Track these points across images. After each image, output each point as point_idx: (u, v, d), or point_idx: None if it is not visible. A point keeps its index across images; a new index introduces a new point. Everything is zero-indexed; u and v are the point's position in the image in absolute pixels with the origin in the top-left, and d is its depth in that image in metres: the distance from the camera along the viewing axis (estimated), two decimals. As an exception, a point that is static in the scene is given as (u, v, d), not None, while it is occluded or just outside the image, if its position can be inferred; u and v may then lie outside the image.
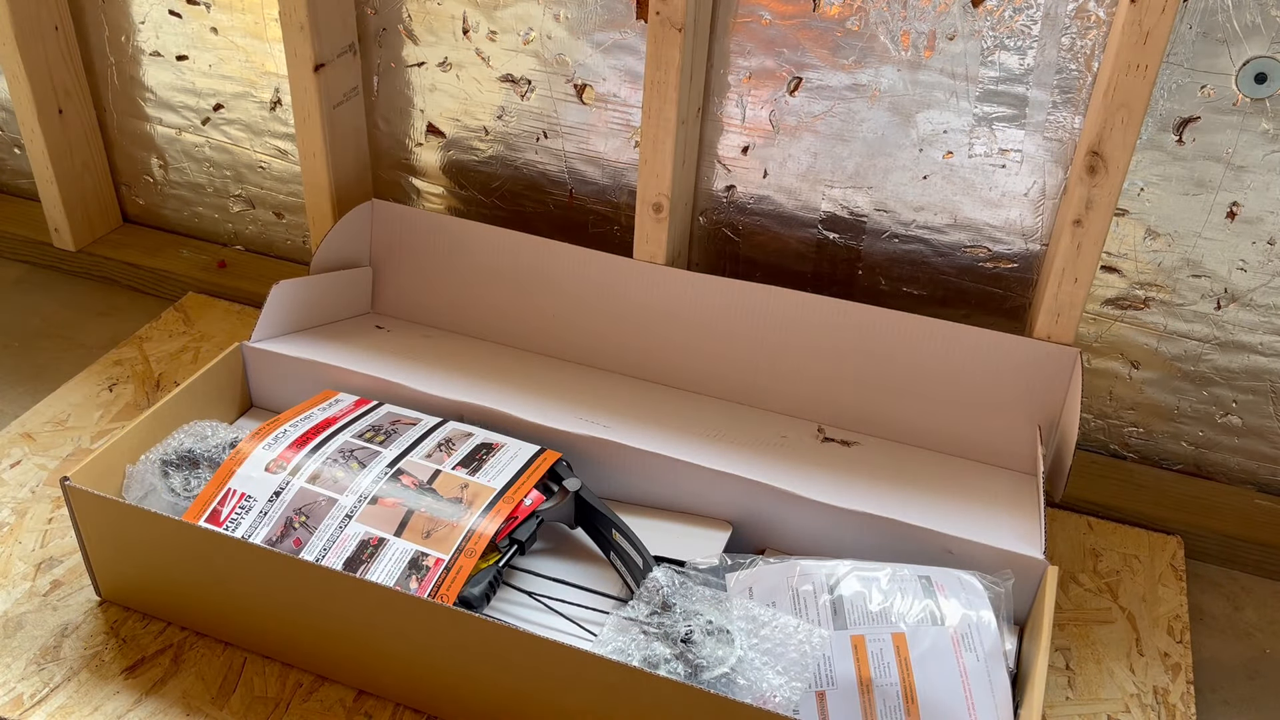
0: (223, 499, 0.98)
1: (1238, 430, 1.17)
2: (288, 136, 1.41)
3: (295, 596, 0.93)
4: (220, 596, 0.96)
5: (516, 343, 1.28)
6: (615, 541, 1.02)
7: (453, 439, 1.07)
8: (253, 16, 1.33)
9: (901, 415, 1.16)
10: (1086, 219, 1.03)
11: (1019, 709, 0.89)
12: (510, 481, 1.01)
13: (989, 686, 0.88)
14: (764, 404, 1.20)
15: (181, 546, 0.95)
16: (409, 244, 1.30)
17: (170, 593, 0.99)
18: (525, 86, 1.26)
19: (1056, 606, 0.94)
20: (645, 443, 1.09)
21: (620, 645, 0.87)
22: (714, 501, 1.08)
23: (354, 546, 0.95)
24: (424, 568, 0.93)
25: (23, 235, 1.53)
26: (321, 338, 1.25)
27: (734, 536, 1.07)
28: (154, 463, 1.03)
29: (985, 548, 0.99)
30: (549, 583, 1.02)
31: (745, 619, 0.88)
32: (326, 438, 1.05)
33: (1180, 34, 1.00)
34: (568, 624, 0.97)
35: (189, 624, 1.00)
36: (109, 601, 1.02)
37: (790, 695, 0.83)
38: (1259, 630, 1.08)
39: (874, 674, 0.88)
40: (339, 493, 0.98)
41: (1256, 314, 1.11)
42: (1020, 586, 0.98)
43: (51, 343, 1.38)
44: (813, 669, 0.86)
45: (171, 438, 1.06)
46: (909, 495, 1.08)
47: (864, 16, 1.09)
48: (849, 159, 1.17)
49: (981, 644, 0.89)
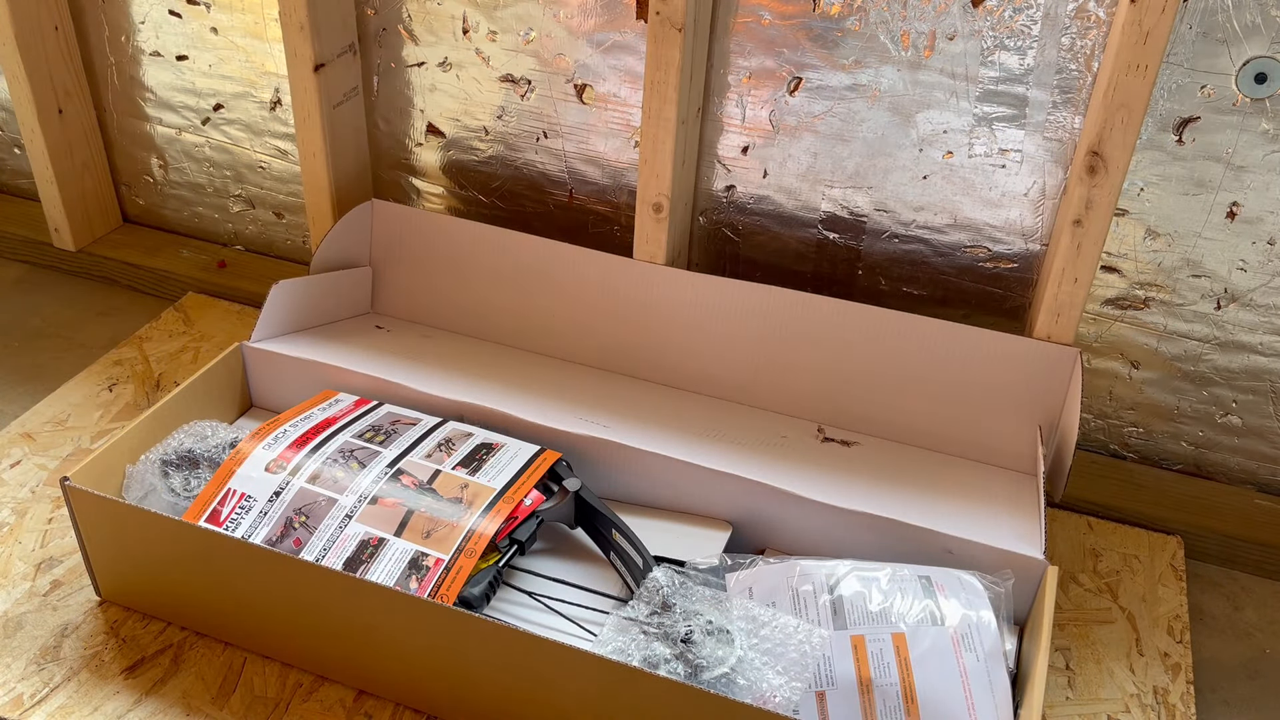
0: (223, 499, 0.98)
1: (1238, 430, 1.17)
2: (288, 136, 1.41)
3: (295, 596, 0.93)
4: (220, 596, 0.96)
5: (516, 343, 1.28)
6: (615, 541, 1.01)
7: (453, 439, 1.07)
8: (253, 16, 1.33)
9: (901, 415, 1.16)
10: (1086, 219, 1.03)
11: (1019, 709, 0.89)
12: (510, 481, 1.01)
13: (989, 686, 0.88)
14: (763, 404, 1.20)
15: (181, 546, 0.95)
16: (409, 244, 1.30)
17: (170, 593, 0.99)
18: (525, 86, 1.26)
19: (1056, 606, 0.94)
20: (645, 443, 1.09)
21: (620, 645, 0.86)
22: (714, 502, 1.08)
23: (354, 546, 0.95)
24: (424, 568, 0.93)
25: (23, 235, 1.53)
26: (321, 338, 1.25)
27: (734, 537, 1.07)
28: (154, 463, 1.03)
29: (985, 548, 0.99)
30: (549, 583, 1.02)
31: (745, 619, 0.88)
32: (326, 438, 1.05)
33: (1180, 34, 1.00)
34: (568, 624, 0.97)
35: (189, 624, 1.00)
36: (109, 601, 1.02)
37: (790, 695, 0.83)
38: (1259, 630, 1.08)
39: (874, 674, 0.88)
40: (339, 493, 0.98)
41: (1256, 314, 1.11)
42: (1020, 586, 0.98)
43: (51, 343, 1.38)
44: (813, 669, 0.86)
45: (171, 438, 1.06)
46: (909, 495, 1.08)
47: (864, 16, 1.09)
48: (849, 159, 1.17)
49: (981, 644, 0.89)
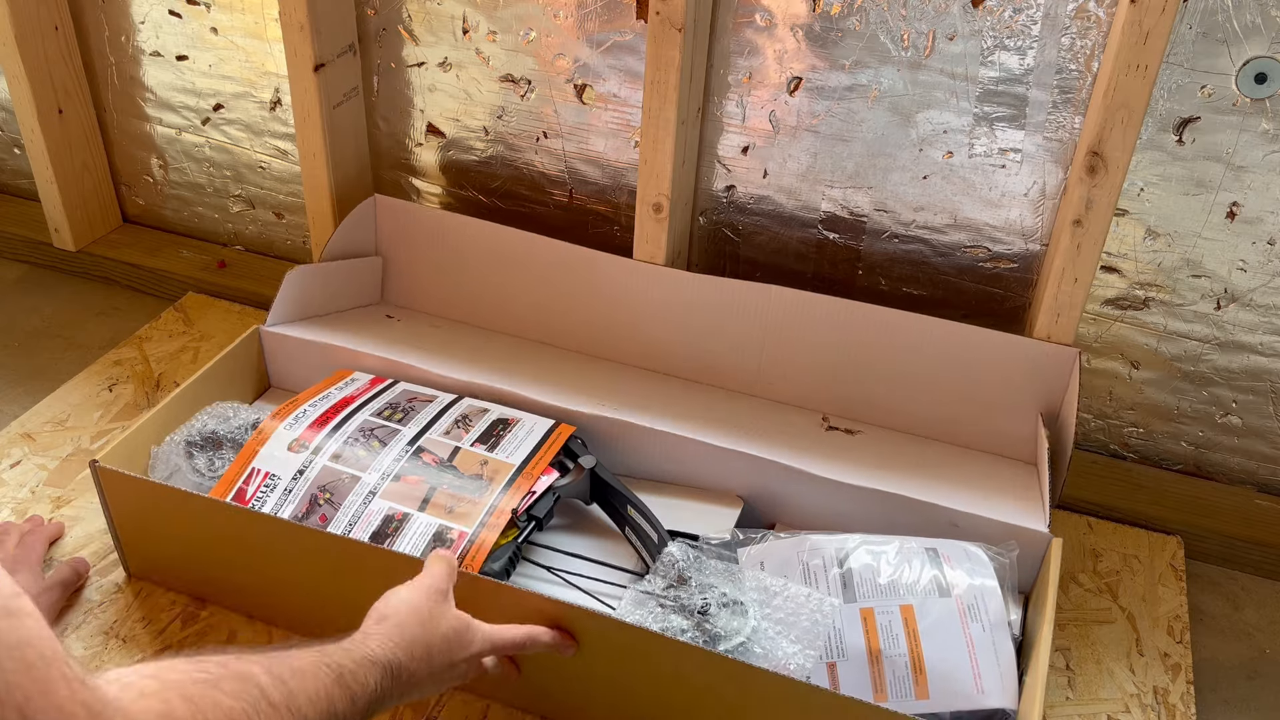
0: (247, 478, 1.00)
1: (1237, 430, 1.17)
2: (288, 136, 1.41)
3: (323, 570, 0.94)
4: (250, 572, 0.99)
5: (522, 335, 1.29)
6: (630, 517, 1.03)
7: (469, 415, 1.09)
8: (253, 16, 1.33)
9: (903, 415, 1.16)
10: (1086, 219, 1.03)
11: (1023, 677, 0.90)
12: (528, 458, 1.03)
13: (994, 655, 0.90)
14: (768, 397, 1.20)
15: (212, 523, 0.97)
16: (413, 240, 1.30)
17: (200, 569, 1.01)
18: (525, 86, 1.26)
19: (1056, 607, 0.94)
20: (655, 423, 1.11)
21: (639, 618, 0.88)
22: (724, 478, 1.10)
23: (379, 521, 0.97)
24: (448, 541, 0.95)
25: (23, 235, 1.53)
26: (334, 325, 1.26)
27: (745, 512, 1.08)
28: (179, 444, 1.06)
29: (990, 521, 1.01)
30: (566, 558, 1.03)
31: (758, 590, 0.91)
32: (346, 417, 1.07)
33: (1180, 34, 1.00)
34: (586, 598, 0.98)
35: (219, 600, 1.02)
36: (136, 577, 1.05)
37: (804, 663, 0.85)
38: (1259, 630, 1.08)
39: (883, 645, 0.89)
40: (361, 471, 1.00)
41: (1256, 314, 1.11)
42: (1024, 560, 0.99)
43: (51, 343, 1.38)
44: (824, 637, 0.88)
45: (195, 419, 1.09)
46: (914, 474, 1.09)
47: (864, 16, 1.09)
48: (849, 159, 1.17)
49: (987, 614, 0.91)
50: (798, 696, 0.82)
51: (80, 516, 1.11)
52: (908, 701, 0.87)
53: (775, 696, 0.82)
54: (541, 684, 0.91)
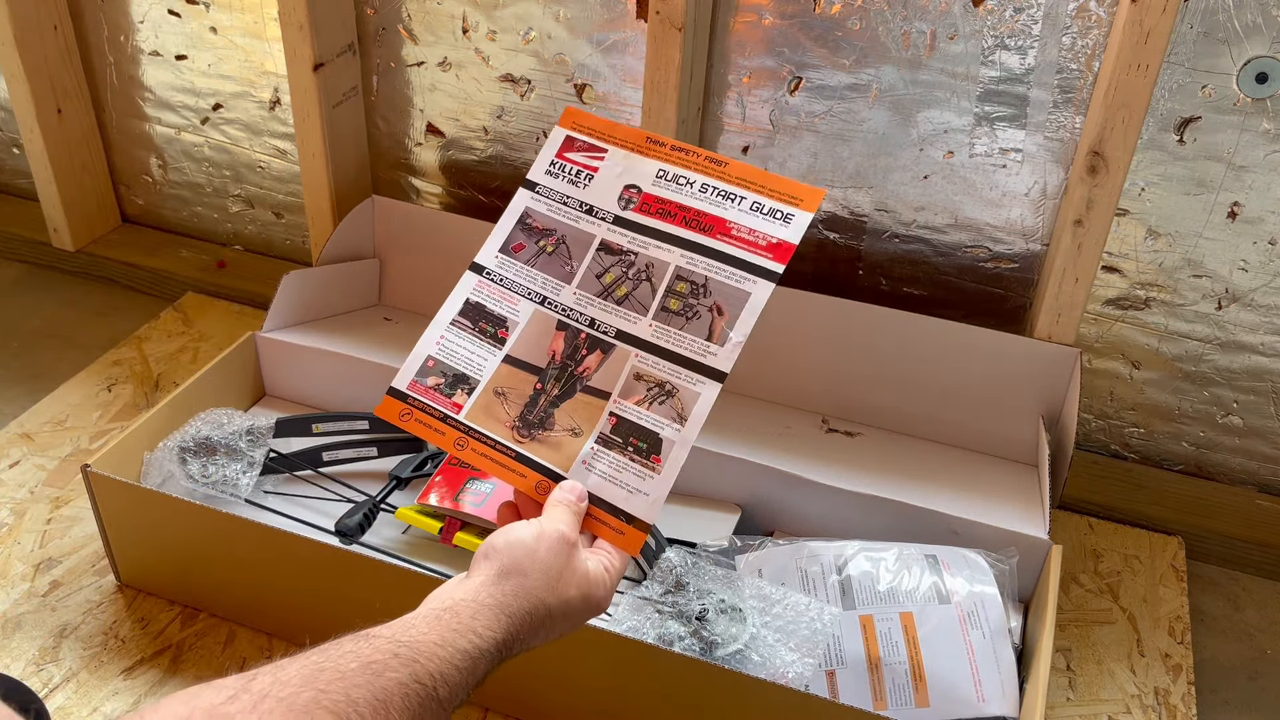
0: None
1: (1238, 430, 1.17)
2: (287, 136, 1.40)
3: (317, 578, 0.94)
4: (241, 580, 0.98)
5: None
6: None
7: None
8: (252, 16, 1.33)
9: (903, 414, 1.16)
10: (1087, 219, 1.03)
11: (1024, 684, 0.90)
12: None
13: (995, 663, 0.89)
14: (767, 398, 1.20)
15: (203, 530, 0.96)
16: (411, 239, 1.30)
17: (190, 576, 1.01)
18: (525, 86, 1.26)
19: (1057, 607, 0.94)
20: None
21: (635, 624, 0.88)
22: (722, 485, 1.09)
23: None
24: None
25: (22, 235, 1.53)
26: (331, 328, 1.26)
27: (743, 519, 1.08)
28: (172, 450, 1.05)
29: (990, 528, 1.00)
30: None
31: (757, 598, 0.90)
32: None
33: (1181, 34, 1.00)
34: None
35: (209, 608, 1.02)
36: (125, 585, 1.04)
37: (803, 671, 0.85)
38: (1259, 631, 1.07)
39: (883, 653, 0.89)
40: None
41: (1257, 314, 1.11)
42: (1024, 567, 0.99)
43: (51, 343, 1.38)
44: (823, 646, 0.88)
45: (189, 425, 1.08)
46: (914, 480, 1.09)
47: (864, 16, 1.09)
48: (849, 159, 1.17)
49: (987, 621, 0.91)
50: (796, 705, 0.81)
51: (79, 517, 1.11)
52: (908, 709, 0.87)
53: (774, 705, 0.82)
54: (538, 691, 0.91)
